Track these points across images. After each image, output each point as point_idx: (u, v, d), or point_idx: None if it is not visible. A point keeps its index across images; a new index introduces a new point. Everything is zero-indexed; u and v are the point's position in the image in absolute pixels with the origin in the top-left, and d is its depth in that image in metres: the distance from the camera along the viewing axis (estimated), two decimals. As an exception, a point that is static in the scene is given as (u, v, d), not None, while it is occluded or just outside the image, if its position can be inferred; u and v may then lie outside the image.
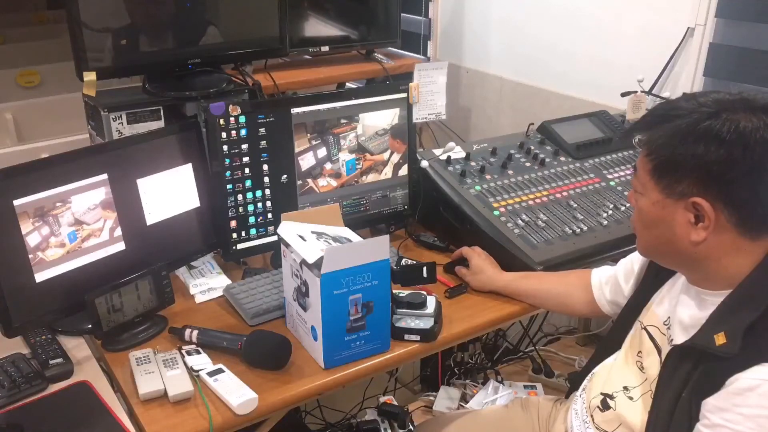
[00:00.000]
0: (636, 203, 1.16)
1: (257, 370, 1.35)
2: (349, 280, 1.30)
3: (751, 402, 0.99)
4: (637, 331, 1.30)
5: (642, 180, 1.12)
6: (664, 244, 1.14)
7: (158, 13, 1.82)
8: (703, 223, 1.06)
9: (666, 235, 1.11)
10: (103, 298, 1.38)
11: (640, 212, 1.14)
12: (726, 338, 1.03)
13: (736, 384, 1.01)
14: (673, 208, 1.08)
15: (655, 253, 1.21)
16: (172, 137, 1.57)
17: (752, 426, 0.99)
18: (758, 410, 0.98)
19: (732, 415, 1.00)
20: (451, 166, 1.86)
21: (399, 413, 2.10)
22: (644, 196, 1.12)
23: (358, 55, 2.51)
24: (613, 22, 2.21)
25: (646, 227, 1.15)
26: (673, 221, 1.09)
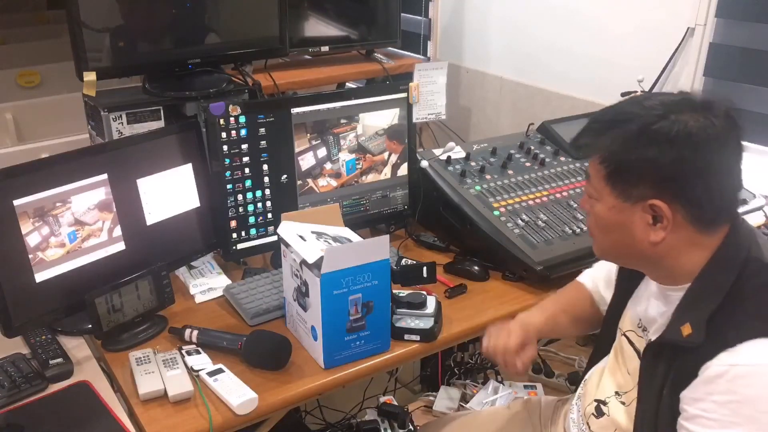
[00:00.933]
0: (591, 209, 1.16)
1: (257, 370, 1.35)
2: (349, 280, 1.30)
3: (721, 388, 1.01)
4: (620, 339, 1.31)
5: (596, 186, 1.13)
6: (623, 247, 1.15)
7: (158, 13, 1.82)
8: (661, 223, 1.07)
9: (625, 239, 1.12)
10: (103, 298, 1.38)
11: (596, 217, 1.15)
12: (691, 328, 1.06)
13: (706, 373, 1.03)
14: (630, 211, 1.09)
15: (613, 256, 1.22)
16: (172, 137, 1.57)
17: (726, 413, 1.01)
18: (729, 396, 1.01)
19: (706, 404, 1.03)
20: (451, 166, 1.86)
21: (399, 413, 2.10)
22: (600, 201, 1.13)
23: (358, 55, 2.51)
24: (613, 22, 2.21)
25: (603, 232, 1.16)
26: (632, 224, 1.10)
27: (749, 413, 1.00)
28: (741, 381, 1.01)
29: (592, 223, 1.18)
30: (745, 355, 1.01)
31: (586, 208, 1.19)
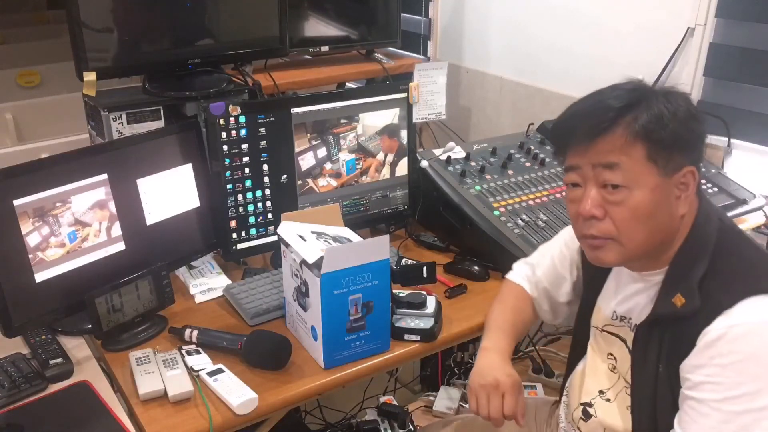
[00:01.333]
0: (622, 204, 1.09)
1: (257, 370, 1.35)
2: (349, 280, 1.30)
3: (723, 350, 1.02)
4: (597, 336, 1.31)
5: (633, 170, 1.07)
6: (658, 233, 1.11)
7: (158, 13, 1.82)
8: (686, 192, 1.10)
9: (663, 221, 1.10)
10: (103, 298, 1.38)
11: (635, 209, 1.08)
12: (684, 298, 1.08)
13: (706, 338, 1.04)
14: (669, 186, 1.09)
15: (644, 250, 1.13)
16: (172, 137, 1.57)
17: (731, 374, 1.02)
18: (732, 356, 1.02)
19: (710, 369, 1.03)
20: (451, 166, 1.86)
21: (399, 413, 2.10)
22: (637, 188, 1.07)
23: (358, 55, 2.51)
24: (613, 22, 2.20)
25: (643, 222, 1.09)
26: (669, 200, 1.10)
27: (754, 371, 1.01)
28: (741, 340, 1.02)
29: (624, 218, 1.09)
30: (742, 314, 1.03)
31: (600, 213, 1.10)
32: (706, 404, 1.04)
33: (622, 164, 1.07)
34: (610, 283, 1.29)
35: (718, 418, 1.03)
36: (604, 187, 1.10)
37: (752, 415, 1.01)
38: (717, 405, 1.03)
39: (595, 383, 1.29)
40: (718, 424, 1.03)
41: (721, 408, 1.02)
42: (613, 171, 1.08)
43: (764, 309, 1.03)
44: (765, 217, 1.93)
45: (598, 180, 1.10)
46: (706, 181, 1.94)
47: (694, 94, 2.06)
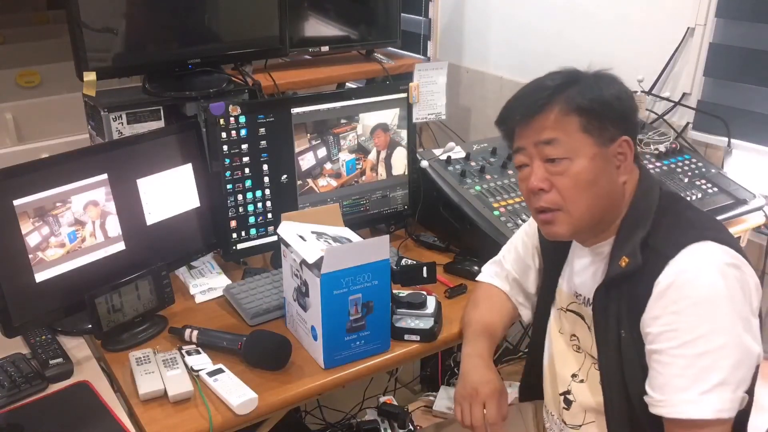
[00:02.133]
0: (564, 174, 1.15)
1: (257, 370, 1.35)
2: (349, 280, 1.30)
3: (674, 297, 1.07)
4: (561, 318, 1.34)
5: (569, 143, 1.14)
6: (602, 200, 1.17)
7: (158, 13, 1.82)
8: (625, 161, 1.17)
9: (605, 188, 1.17)
10: (103, 298, 1.38)
11: (578, 176, 1.14)
12: (628, 258, 1.15)
13: (657, 289, 1.09)
14: (608, 155, 1.16)
15: (590, 218, 1.18)
16: (172, 137, 1.57)
17: (685, 318, 1.06)
18: (684, 301, 1.07)
19: (665, 317, 1.08)
20: (451, 166, 1.86)
21: (399, 413, 2.10)
22: (577, 158, 1.14)
23: (358, 55, 2.51)
24: (613, 22, 2.21)
25: (586, 189, 1.15)
26: (609, 169, 1.16)
27: (705, 312, 1.06)
28: (690, 284, 1.07)
29: (567, 187, 1.16)
30: (686, 260, 1.08)
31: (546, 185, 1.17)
32: (666, 353, 1.08)
33: (559, 138, 1.15)
34: (569, 261, 1.34)
35: (680, 364, 1.06)
36: (547, 161, 1.17)
37: (711, 356, 1.05)
38: (676, 351, 1.07)
39: (565, 369, 1.32)
40: (680, 370, 1.06)
41: (682, 353, 1.06)
42: (553, 146, 1.16)
43: (707, 252, 1.09)
44: (765, 217, 1.93)
45: (541, 156, 1.18)
46: (706, 181, 1.94)
47: (694, 94, 2.07)
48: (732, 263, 1.08)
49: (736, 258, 1.09)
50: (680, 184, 1.92)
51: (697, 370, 1.05)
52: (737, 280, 1.08)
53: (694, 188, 1.91)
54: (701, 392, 1.04)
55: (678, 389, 1.06)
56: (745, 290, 1.08)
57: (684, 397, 1.06)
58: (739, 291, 1.07)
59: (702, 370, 1.05)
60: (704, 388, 1.04)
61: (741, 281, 1.08)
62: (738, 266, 1.09)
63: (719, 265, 1.07)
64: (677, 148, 2.05)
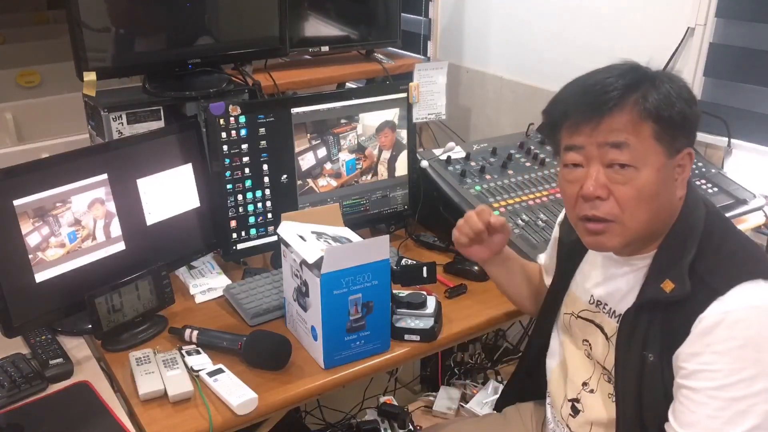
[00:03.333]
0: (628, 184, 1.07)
1: (257, 370, 1.35)
2: (349, 280, 1.30)
3: (720, 337, 1.01)
4: (572, 323, 1.30)
5: (640, 149, 1.06)
6: (660, 214, 1.10)
7: (158, 13, 1.82)
8: (683, 174, 1.10)
9: (665, 202, 1.10)
10: (103, 298, 1.38)
11: (641, 189, 1.06)
12: (673, 283, 1.06)
13: (702, 325, 1.02)
14: (672, 168, 1.09)
15: (644, 233, 1.11)
16: (172, 137, 1.57)
17: (729, 360, 1.01)
18: (730, 342, 1.00)
19: (707, 356, 1.02)
20: (451, 166, 1.86)
21: (399, 413, 2.10)
22: (644, 168, 1.06)
23: (358, 55, 2.51)
24: (612, 22, 2.21)
25: (647, 202, 1.07)
26: (672, 182, 1.09)
27: (751, 356, 1.00)
28: (738, 326, 1.01)
29: (629, 198, 1.07)
30: (737, 300, 1.02)
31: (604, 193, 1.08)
32: (703, 393, 1.02)
33: (630, 143, 1.06)
34: (584, 266, 1.29)
35: (714, 405, 1.02)
36: (609, 166, 1.08)
37: (749, 401, 1.00)
38: (714, 393, 1.02)
39: (577, 376, 1.28)
40: (714, 411, 1.02)
41: (718, 395, 1.01)
42: (621, 150, 1.06)
43: (759, 293, 1.02)
44: (765, 217, 1.93)
45: (603, 159, 1.08)
46: (706, 181, 1.94)
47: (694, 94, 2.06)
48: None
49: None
50: (680, 184, 1.92)
51: (732, 413, 1.01)
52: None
53: (694, 188, 1.91)
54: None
55: (709, 430, 1.02)
56: None
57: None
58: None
59: (737, 414, 1.00)
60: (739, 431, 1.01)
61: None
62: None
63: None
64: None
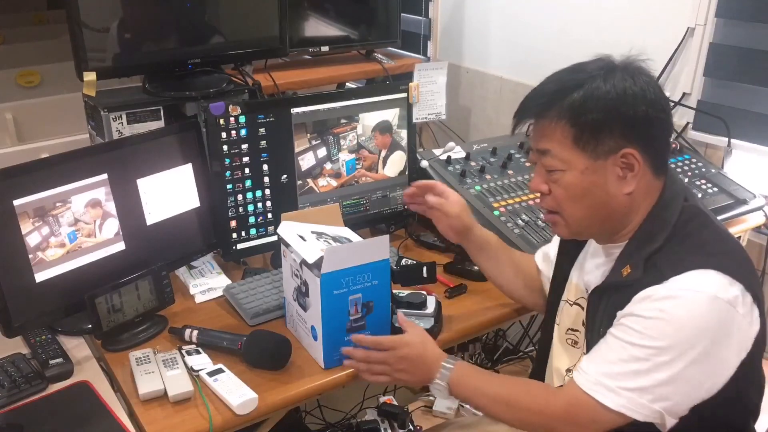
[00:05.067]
0: (557, 183, 1.17)
1: (257, 370, 1.35)
2: (349, 280, 1.30)
3: (650, 306, 1.08)
4: (564, 311, 1.35)
5: (561, 155, 1.14)
6: (598, 208, 1.16)
7: (158, 13, 1.82)
8: (632, 172, 1.13)
9: (600, 199, 1.15)
10: (103, 298, 1.38)
11: (567, 188, 1.16)
12: (630, 269, 1.14)
13: (637, 296, 1.10)
14: (603, 168, 1.13)
15: (586, 225, 1.20)
16: (172, 137, 1.57)
17: (648, 326, 1.07)
18: (656, 313, 1.07)
19: (632, 317, 1.10)
20: (451, 166, 1.86)
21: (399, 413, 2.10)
22: (568, 171, 1.15)
23: (358, 55, 2.51)
24: (612, 22, 2.21)
25: (577, 200, 1.16)
26: (605, 181, 1.14)
27: (672, 333, 1.06)
28: (669, 302, 1.06)
29: (561, 196, 1.17)
30: (679, 282, 1.07)
31: (545, 189, 1.19)
32: (616, 339, 1.11)
33: (552, 150, 1.16)
34: (582, 257, 1.34)
35: (619, 354, 1.10)
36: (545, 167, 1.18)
37: (648, 365, 1.07)
38: (624, 345, 1.09)
39: (561, 363, 1.33)
40: (617, 359, 1.10)
41: (626, 348, 1.09)
42: (546, 156, 1.17)
43: (702, 281, 1.06)
44: (765, 217, 1.93)
45: (540, 161, 1.20)
46: (706, 181, 1.94)
47: (694, 94, 2.07)
48: (727, 300, 1.06)
49: (734, 296, 1.06)
50: (680, 184, 1.92)
51: (629, 369, 1.08)
52: (722, 317, 1.06)
53: (694, 188, 1.91)
54: (622, 387, 1.08)
55: (605, 373, 1.10)
56: (726, 330, 1.07)
57: (605, 382, 1.10)
58: (717, 329, 1.06)
59: (633, 371, 1.08)
60: (627, 386, 1.08)
61: (726, 321, 1.06)
62: (733, 307, 1.06)
63: (710, 296, 1.05)
64: (677, 148, 2.05)
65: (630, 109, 1.11)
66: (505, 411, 1.22)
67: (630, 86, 1.12)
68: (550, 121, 1.15)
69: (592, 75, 1.14)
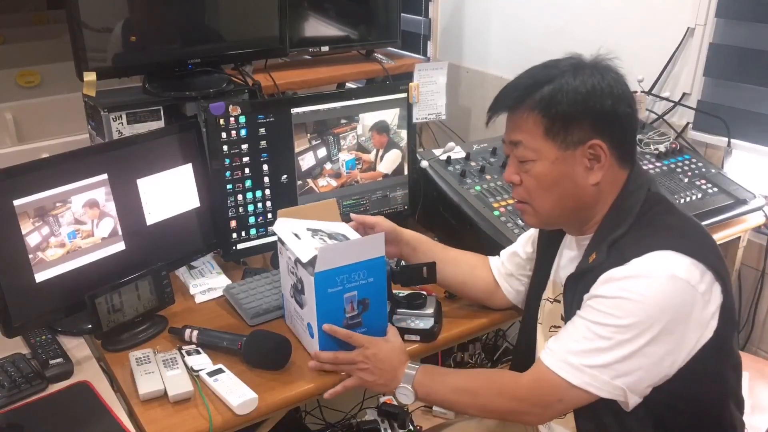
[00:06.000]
0: (528, 173, 1.20)
1: (257, 370, 1.35)
2: (344, 278, 1.29)
3: (612, 287, 1.12)
4: (545, 309, 1.36)
5: (533, 146, 1.18)
6: (566, 199, 1.20)
7: (158, 13, 1.82)
8: (599, 163, 1.17)
9: (569, 189, 1.19)
10: (103, 298, 1.38)
11: (538, 178, 1.19)
12: (596, 255, 1.18)
13: (600, 278, 1.14)
14: (572, 158, 1.17)
15: (555, 215, 1.23)
16: (172, 137, 1.57)
17: (612, 305, 1.11)
18: (618, 292, 1.11)
19: (596, 299, 1.14)
20: (451, 166, 1.86)
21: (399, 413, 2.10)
22: (539, 161, 1.18)
23: (358, 55, 2.51)
24: (612, 23, 2.21)
25: (548, 189, 1.19)
26: (574, 171, 1.18)
27: (633, 309, 1.09)
28: (632, 281, 1.10)
29: (532, 186, 1.21)
30: (642, 263, 1.11)
31: (516, 179, 1.22)
32: (581, 319, 1.15)
33: (524, 141, 1.20)
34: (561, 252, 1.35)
35: (582, 333, 1.14)
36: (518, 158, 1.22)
37: (610, 343, 1.11)
38: (587, 324, 1.13)
39: None
40: (581, 338, 1.13)
41: (589, 327, 1.13)
42: (518, 147, 1.21)
43: (665, 260, 1.10)
44: (765, 217, 1.93)
45: (513, 152, 1.23)
46: (706, 181, 1.94)
47: (694, 94, 2.07)
48: (685, 279, 1.09)
49: (692, 275, 1.10)
50: (680, 184, 1.92)
51: (592, 346, 1.12)
52: (680, 296, 1.09)
53: (694, 188, 1.91)
54: (585, 364, 1.12)
55: (569, 352, 1.14)
56: (685, 308, 1.10)
57: (569, 359, 1.13)
58: (677, 307, 1.09)
59: (596, 349, 1.12)
60: (589, 363, 1.12)
61: (685, 299, 1.09)
62: (691, 285, 1.09)
63: (669, 275, 1.09)
64: (677, 148, 2.05)
65: (597, 103, 1.15)
66: (473, 401, 1.25)
67: (598, 82, 1.16)
68: (523, 113, 1.19)
69: (563, 71, 1.19)
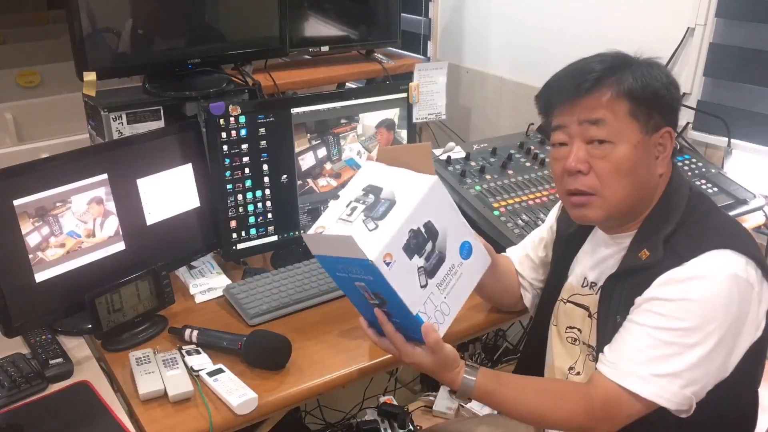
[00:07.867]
0: (606, 158, 1.13)
1: (257, 370, 1.35)
2: (343, 267, 1.12)
3: (673, 289, 1.09)
4: (559, 311, 1.34)
5: (616, 125, 1.13)
6: (639, 189, 1.16)
7: (158, 13, 1.82)
8: (663, 153, 1.16)
9: (643, 177, 1.16)
10: (103, 298, 1.38)
11: (618, 163, 1.13)
12: (649, 251, 1.14)
13: (658, 280, 1.11)
14: (650, 144, 1.15)
15: (628, 205, 1.17)
16: (172, 137, 1.57)
17: (674, 308, 1.08)
18: (680, 295, 1.08)
19: (656, 302, 1.10)
20: (451, 166, 1.86)
21: (399, 413, 2.10)
22: (621, 143, 1.13)
23: (358, 55, 2.51)
24: (612, 22, 2.21)
25: (625, 176, 1.14)
26: (650, 158, 1.16)
27: (696, 311, 1.06)
28: (692, 282, 1.07)
29: (606, 172, 1.13)
30: (699, 263, 1.08)
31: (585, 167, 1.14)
32: (641, 328, 1.10)
33: (606, 120, 1.13)
34: (580, 255, 1.33)
35: (646, 342, 1.09)
36: (589, 143, 1.15)
37: (678, 348, 1.07)
38: (650, 330, 1.09)
39: (563, 362, 1.32)
40: (644, 347, 1.09)
41: (653, 334, 1.09)
42: (599, 126, 1.14)
43: (722, 260, 1.08)
44: (765, 217, 1.93)
45: (584, 136, 1.15)
46: (706, 181, 1.94)
47: (694, 94, 2.06)
48: (746, 278, 1.08)
49: (750, 274, 1.09)
50: (680, 184, 1.92)
51: (659, 354, 1.08)
52: (741, 295, 1.08)
53: (694, 188, 1.91)
54: (654, 374, 1.08)
55: (634, 362, 1.10)
56: (746, 308, 1.09)
57: (636, 371, 1.09)
58: (737, 306, 1.08)
59: (663, 356, 1.08)
60: (658, 372, 1.08)
61: (745, 298, 1.09)
62: (751, 285, 1.09)
63: (731, 274, 1.07)
64: (677, 148, 2.05)
65: (673, 92, 1.16)
66: (539, 421, 1.22)
67: (669, 74, 1.17)
68: (605, 93, 1.13)
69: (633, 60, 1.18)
